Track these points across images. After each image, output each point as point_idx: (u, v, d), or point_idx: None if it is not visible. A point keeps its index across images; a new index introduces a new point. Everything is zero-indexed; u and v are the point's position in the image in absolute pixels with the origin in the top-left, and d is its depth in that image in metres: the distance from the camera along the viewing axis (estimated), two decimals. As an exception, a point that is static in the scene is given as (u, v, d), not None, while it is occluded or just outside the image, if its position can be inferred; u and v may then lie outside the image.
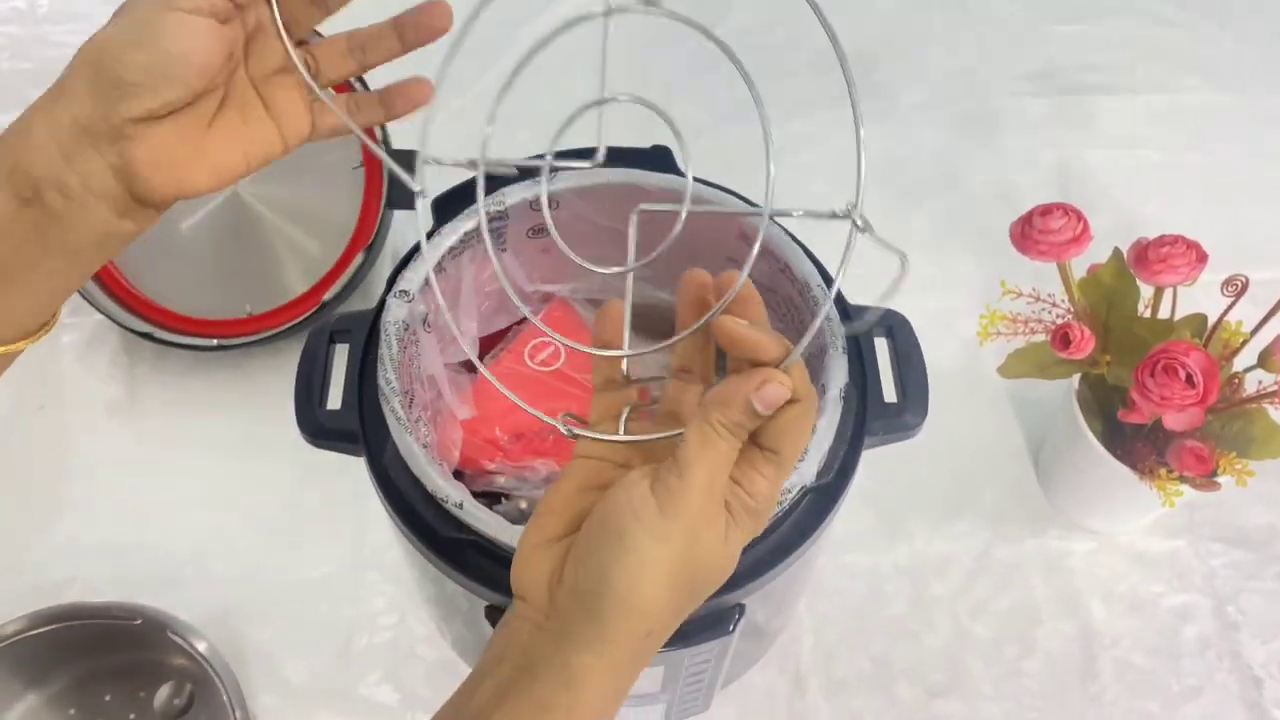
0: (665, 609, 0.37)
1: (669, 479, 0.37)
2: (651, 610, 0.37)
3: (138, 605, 0.69)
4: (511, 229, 0.66)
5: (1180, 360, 0.62)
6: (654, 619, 0.37)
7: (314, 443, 0.59)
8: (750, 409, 0.37)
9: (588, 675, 0.37)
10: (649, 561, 0.36)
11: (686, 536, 0.37)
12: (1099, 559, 0.80)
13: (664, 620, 0.38)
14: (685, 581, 0.37)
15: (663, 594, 0.37)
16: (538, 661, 0.37)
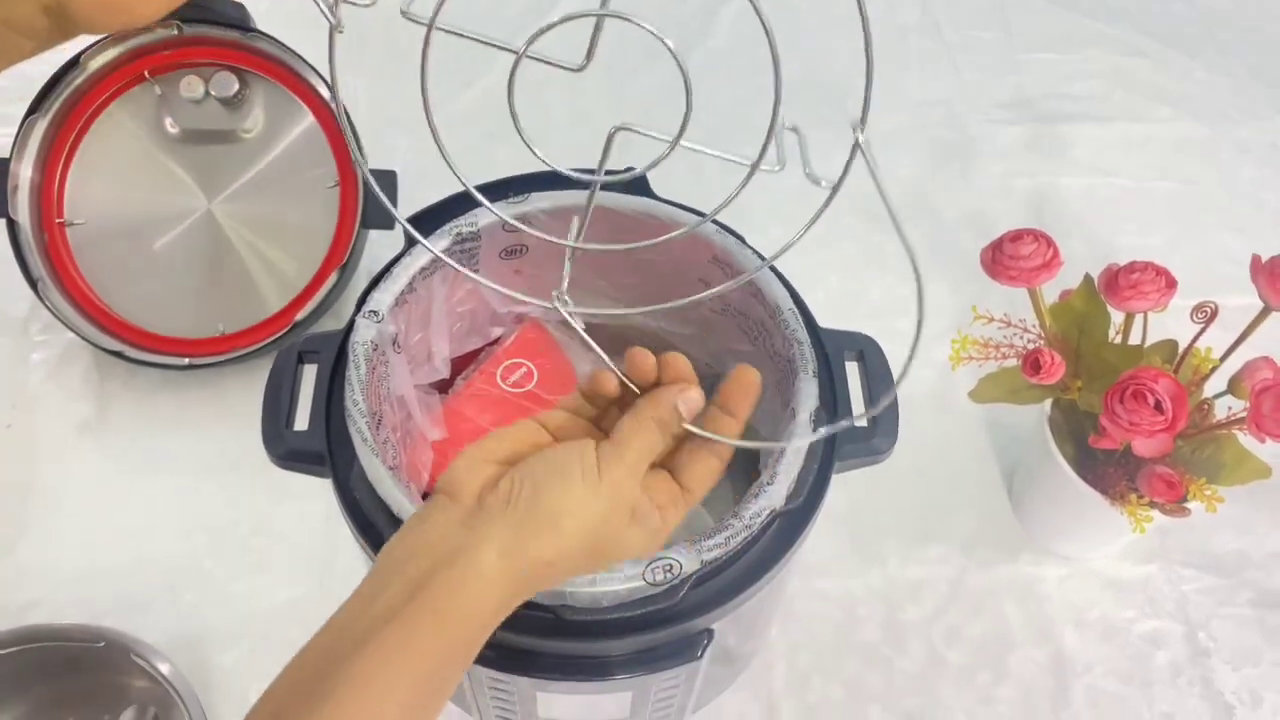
0: (574, 549, 0.42)
1: (607, 448, 0.43)
2: (563, 542, 0.41)
3: (101, 628, 0.68)
4: (484, 250, 0.66)
5: (1149, 387, 0.62)
6: (561, 552, 0.41)
7: (281, 464, 0.58)
8: (674, 409, 0.44)
9: (496, 576, 0.40)
10: (576, 499, 0.41)
11: (609, 498, 0.42)
12: (1071, 585, 0.80)
13: (568, 558, 0.42)
14: (593, 539, 0.42)
15: (576, 533, 0.41)
16: (456, 551, 0.40)
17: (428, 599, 0.39)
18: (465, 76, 1.07)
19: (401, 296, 0.61)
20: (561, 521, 0.41)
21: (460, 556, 0.40)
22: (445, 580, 0.39)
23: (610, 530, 0.42)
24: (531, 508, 0.41)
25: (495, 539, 0.40)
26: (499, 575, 0.40)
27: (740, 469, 0.78)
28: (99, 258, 0.84)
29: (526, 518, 0.41)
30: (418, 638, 0.38)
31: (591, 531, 0.42)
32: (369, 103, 1.06)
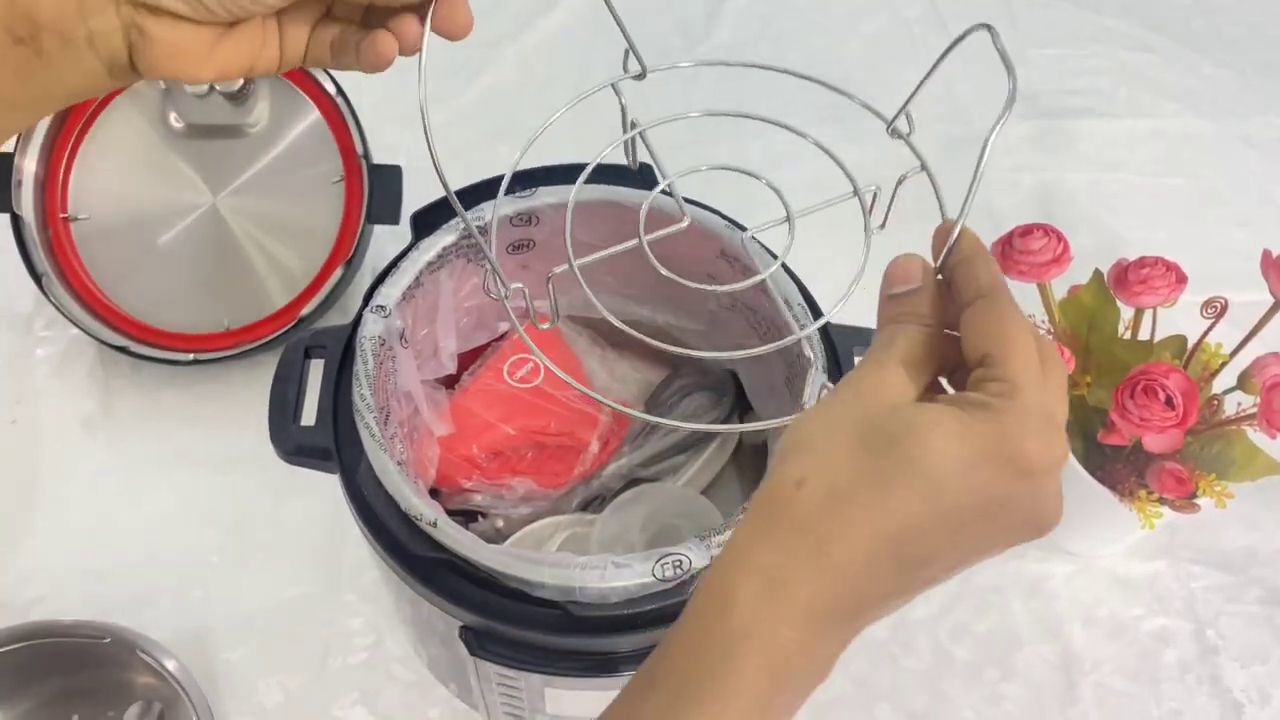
0: (820, 452, 0.33)
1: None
2: (803, 449, 0.33)
3: (106, 624, 0.68)
4: (492, 243, 0.65)
5: (1160, 382, 0.62)
6: (805, 459, 0.33)
7: (288, 459, 0.58)
8: (889, 297, 0.37)
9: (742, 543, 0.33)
10: (807, 413, 0.35)
11: (848, 395, 0.34)
12: (1079, 582, 0.79)
13: (822, 468, 0.32)
14: (852, 433, 0.33)
15: (815, 436, 0.33)
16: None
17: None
18: (469, 73, 1.07)
19: (409, 291, 0.61)
20: (799, 447, 0.33)
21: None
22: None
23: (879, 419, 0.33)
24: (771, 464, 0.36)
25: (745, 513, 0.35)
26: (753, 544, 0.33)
27: (750, 466, 0.78)
28: (103, 253, 0.84)
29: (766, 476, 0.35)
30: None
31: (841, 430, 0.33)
32: (373, 97, 1.05)
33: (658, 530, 0.66)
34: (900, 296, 0.36)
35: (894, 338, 0.36)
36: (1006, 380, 0.32)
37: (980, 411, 0.32)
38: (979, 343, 0.34)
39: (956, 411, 0.32)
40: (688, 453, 0.72)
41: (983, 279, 0.35)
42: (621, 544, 0.65)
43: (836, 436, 0.33)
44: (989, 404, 0.32)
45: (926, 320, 0.36)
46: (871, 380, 0.34)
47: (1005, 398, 0.32)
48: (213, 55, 0.41)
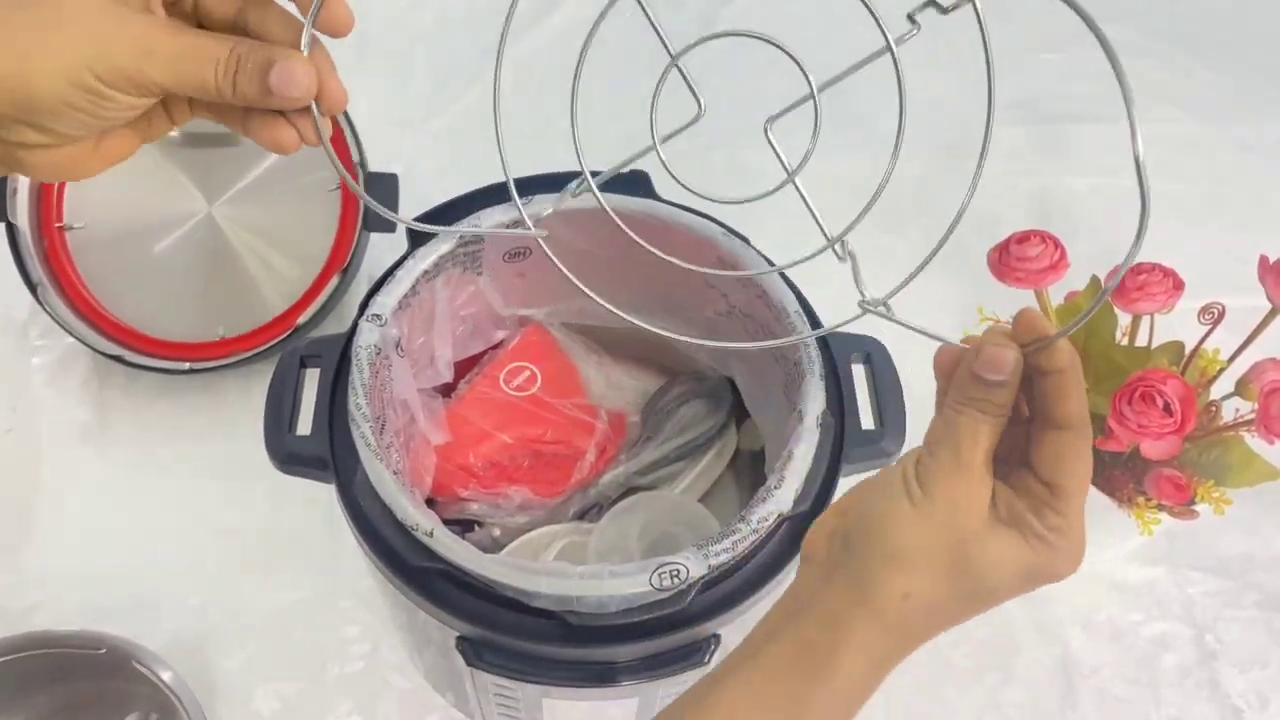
0: (924, 573, 0.38)
1: (923, 456, 0.40)
2: (907, 565, 0.38)
3: (102, 634, 0.68)
4: (488, 252, 0.65)
5: (1158, 388, 0.61)
6: (911, 578, 0.38)
7: (283, 469, 0.58)
8: (976, 378, 0.39)
9: (851, 622, 0.39)
10: (904, 515, 0.39)
11: (945, 507, 0.39)
12: (1078, 587, 0.79)
13: (925, 587, 0.39)
14: (948, 558, 0.39)
15: (919, 553, 0.39)
16: (805, 603, 0.40)
17: (778, 644, 0.40)
18: (470, 74, 1.07)
19: (404, 300, 0.61)
20: (898, 549, 0.39)
21: (808, 608, 0.40)
22: (792, 629, 0.40)
23: (965, 539, 0.39)
24: (863, 535, 0.40)
25: (838, 582, 0.40)
26: (854, 621, 0.39)
27: (748, 473, 0.78)
28: (99, 262, 0.84)
29: (861, 548, 0.40)
30: (774, 683, 0.40)
31: (931, 541, 0.39)
32: (370, 104, 1.05)
33: (655, 538, 0.66)
34: (989, 384, 0.39)
35: (979, 436, 0.39)
36: (1066, 517, 0.38)
37: (1039, 544, 0.38)
38: (1053, 472, 0.39)
39: (1020, 542, 0.39)
40: (685, 460, 0.72)
41: (1073, 408, 0.38)
42: (619, 552, 0.65)
43: (938, 560, 0.39)
44: (1047, 540, 0.38)
45: (1005, 414, 0.39)
46: (964, 494, 0.39)
47: (1060, 534, 0.38)
48: (96, 155, 0.41)
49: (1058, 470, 0.38)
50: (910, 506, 0.39)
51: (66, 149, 0.39)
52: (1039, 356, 0.38)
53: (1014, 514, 0.39)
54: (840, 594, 0.39)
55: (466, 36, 1.10)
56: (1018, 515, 0.39)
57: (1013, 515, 0.39)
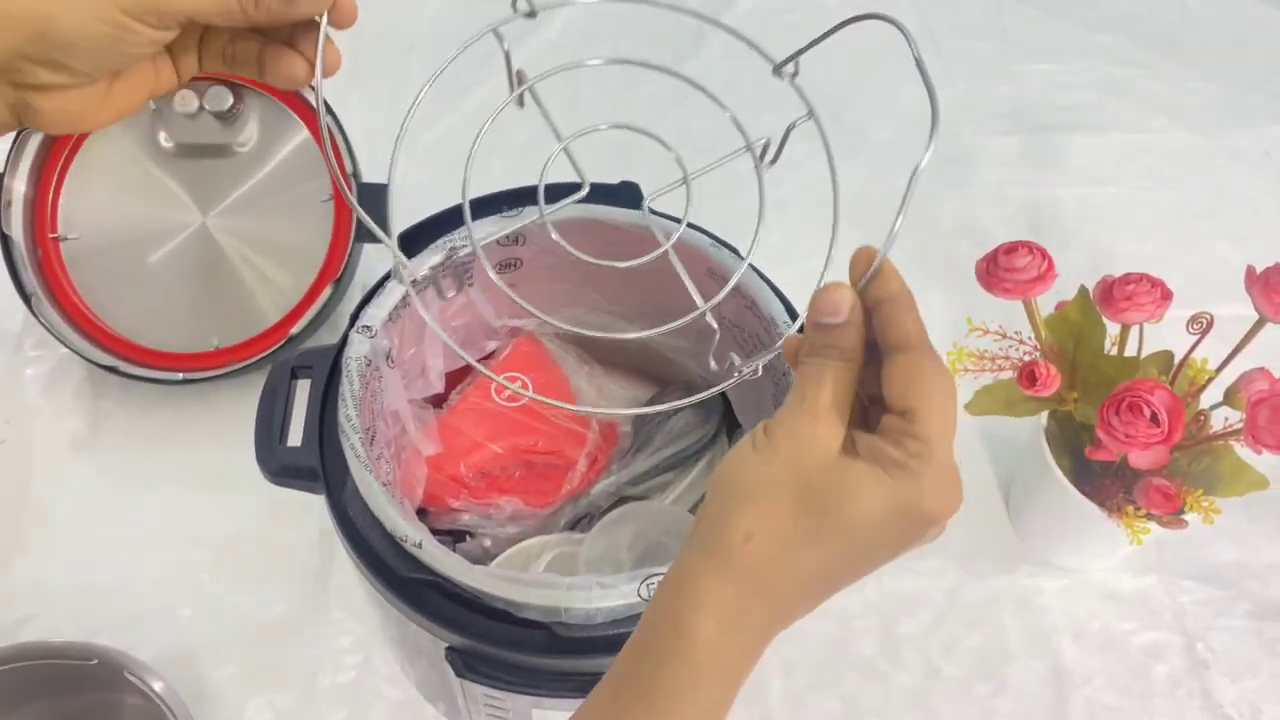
0: (764, 510, 0.37)
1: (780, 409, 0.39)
2: (747, 504, 0.37)
3: (94, 645, 0.68)
4: (478, 264, 0.66)
5: (1145, 398, 0.62)
6: (751, 516, 0.37)
7: (275, 480, 0.58)
8: (817, 326, 0.38)
9: (694, 578, 0.37)
10: (747, 460, 0.38)
11: (787, 446, 0.37)
12: (1070, 596, 0.79)
13: (768, 524, 0.37)
14: (790, 493, 0.37)
15: (758, 490, 0.37)
16: (662, 584, 0.39)
17: (638, 635, 0.39)
18: (461, 86, 1.07)
19: (395, 311, 0.61)
20: (738, 491, 0.37)
21: (663, 583, 0.39)
22: (648, 612, 0.39)
23: (811, 478, 0.37)
24: (713, 500, 0.38)
25: (691, 546, 0.39)
26: (696, 577, 0.37)
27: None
28: (93, 272, 0.84)
29: (711, 512, 0.38)
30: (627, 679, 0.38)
31: (783, 486, 0.37)
32: (362, 115, 1.06)
33: (646, 548, 0.66)
34: (828, 328, 0.38)
35: (822, 378, 0.38)
36: (923, 440, 0.36)
37: (900, 473, 0.36)
38: (902, 396, 0.37)
39: (879, 473, 0.36)
40: (675, 470, 0.73)
41: (909, 327, 0.37)
42: (609, 562, 0.65)
43: (778, 495, 0.37)
44: (909, 466, 0.36)
45: (851, 356, 0.38)
46: (807, 433, 0.37)
47: (922, 459, 0.36)
48: (106, 104, 0.42)
49: (907, 392, 0.37)
50: (753, 451, 0.38)
51: (78, 92, 0.40)
52: (873, 290, 0.38)
53: (871, 450, 0.37)
54: (691, 554, 0.38)
55: (462, 40, 1.10)
56: (875, 450, 0.37)
57: (870, 451, 0.37)
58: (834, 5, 1.17)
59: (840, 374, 0.38)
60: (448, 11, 1.13)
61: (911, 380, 0.37)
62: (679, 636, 0.37)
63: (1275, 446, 0.62)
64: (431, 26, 1.12)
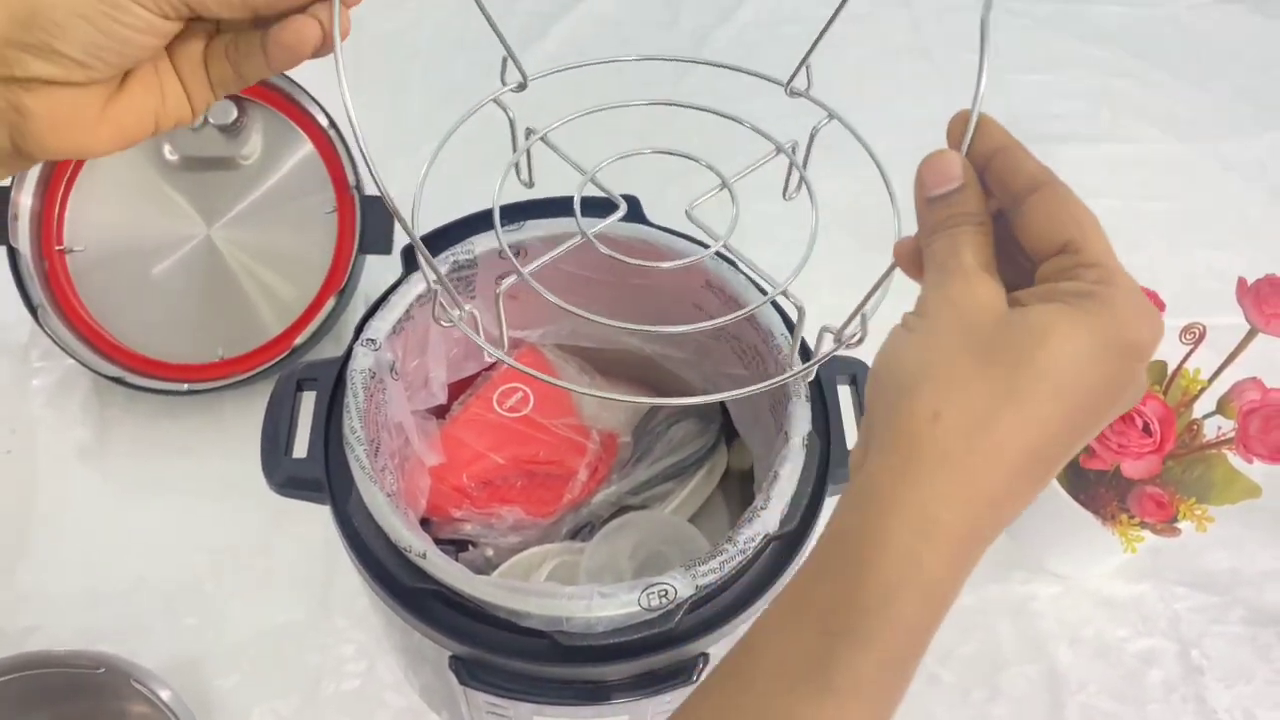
0: (945, 380, 0.32)
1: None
2: (924, 382, 0.32)
3: (101, 653, 0.69)
4: (480, 277, 0.67)
5: (1138, 409, 0.63)
6: (933, 393, 0.32)
7: (280, 491, 0.59)
8: (931, 202, 0.35)
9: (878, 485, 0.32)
10: (908, 345, 0.34)
11: (947, 313, 0.33)
12: (1065, 603, 0.80)
13: (954, 397, 0.32)
14: (969, 354, 0.32)
15: (933, 366, 0.33)
16: (835, 510, 0.34)
17: (810, 564, 0.34)
18: (464, 98, 1.08)
19: (399, 324, 0.62)
20: (909, 376, 0.33)
21: (839, 507, 0.34)
22: (822, 542, 0.34)
23: (988, 331, 0.32)
24: (879, 400, 0.34)
25: (867, 458, 0.34)
26: (881, 484, 0.32)
27: (737, 492, 0.79)
28: (99, 284, 0.85)
29: (882, 412, 0.33)
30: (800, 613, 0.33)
31: (958, 351, 0.32)
32: (366, 127, 1.07)
33: (646, 557, 0.67)
34: (946, 198, 0.35)
35: (958, 245, 0.34)
36: (1099, 264, 0.32)
37: (1089, 303, 0.32)
38: (1056, 231, 0.33)
39: (1067, 309, 0.32)
40: (675, 480, 0.73)
41: (1032, 167, 0.35)
42: (610, 572, 0.66)
43: (958, 360, 0.32)
44: (1095, 293, 0.32)
45: (981, 219, 0.35)
46: (964, 295, 0.33)
47: (1106, 284, 0.32)
48: (105, 118, 0.38)
49: (1059, 228, 0.33)
50: (909, 334, 0.34)
51: (71, 93, 0.37)
52: (978, 147, 0.35)
53: (1043, 293, 0.32)
54: (868, 463, 0.33)
55: (463, 55, 1.11)
56: (1049, 292, 0.32)
57: (1043, 295, 0.32)
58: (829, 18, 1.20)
59: (976, 236, 0.34)
60: (449, 19, 1.14)
61: (1060, 213, 0.33)
62: (863, 545, 0.31)
63: (1267, 456, 0.63)
64: (434, 35, 1.13)
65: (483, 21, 1.33)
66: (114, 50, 0.36)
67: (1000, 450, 0.31)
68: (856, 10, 1.26)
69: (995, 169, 0.35)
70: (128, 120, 0.39)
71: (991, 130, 0.36)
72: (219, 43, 0.40)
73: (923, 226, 0.36)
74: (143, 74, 0.39)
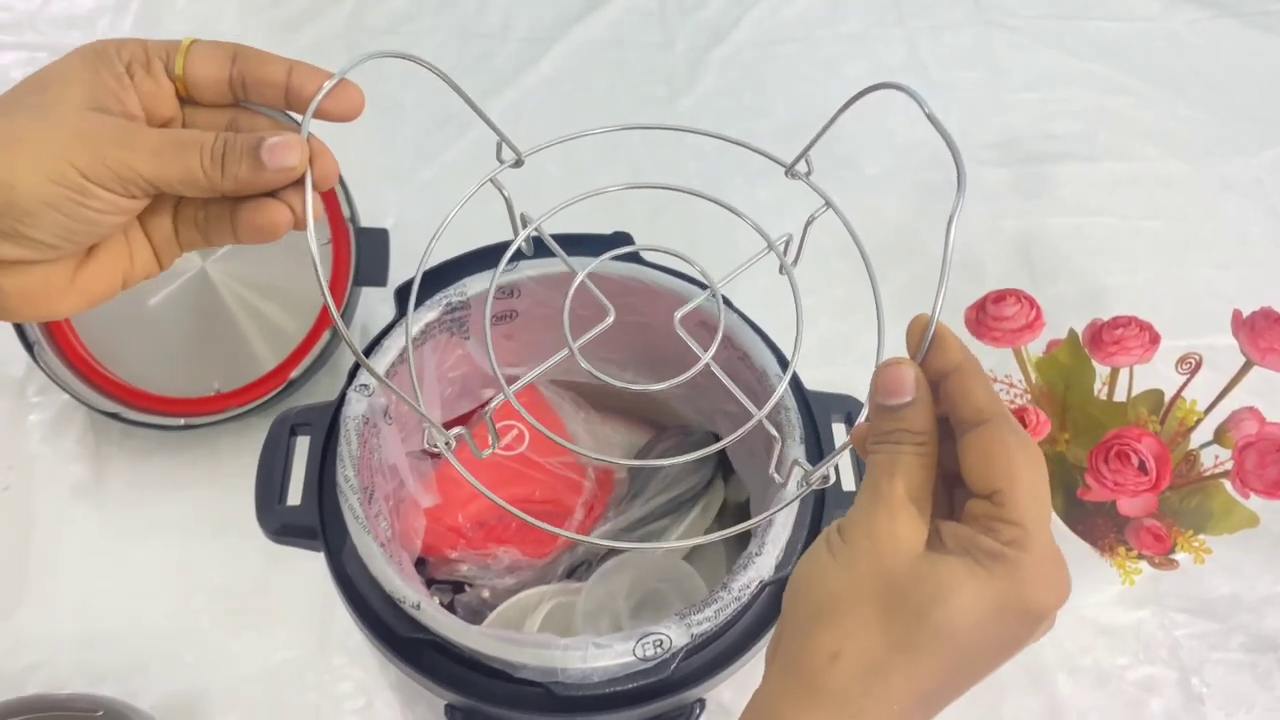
0: (849, 625, 0.34)
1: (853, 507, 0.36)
2: (830, 619, 0.34)
3: (99, 696, 0.69)
4: (474, 317, 0.66)
5: (1133, 446, 0.62)
6: (836, 633, 0.34)
7: (275, 539, 0.59)
8: (881, 409, 0.35)
9: (781, 705, 0.34)
10: (825, 568, 0.35)
11: (865, 548, 0.34)
12: (1064, 631, 0.80)
13: (855, 642, 0.33)
14: (875, 602, 0.33)
15: (840, 603, 0.34)
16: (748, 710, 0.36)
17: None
18: (458, 124, 1.08)
19: (393, 368, 0.62)
20: (819, 606, 0.34)
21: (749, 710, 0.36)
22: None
23: (896, 581, 0.33)
24: (791, 615, 0.35)
25: (773, 668, 0.36)
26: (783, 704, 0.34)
27: (732, 535, 0.78)
28: (94, 318, 0.85)
29: (791, 628, 0.35)
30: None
31: (866, 596, 0.33)
32: (358, 155, 1.07)
33: (642, 597, 0.67)
34: (894, 411, 0.35)
35: (895, 468, 0.35)
36: (1017, 524, 0.33)
37: (998, 566, 0.33)
38: (987, 477, 0.33)
39: (973, 568, 0.33)
40: (671, 516, 0.73)
41: (980, 398, 0.34)
42: (607, 612, 0.66)
43: (863, 606, 0.33)
44: (1004, 555, 0.33)
45: (924, 440, 0.35)
46: (886, 532, 0.34)
47: (1018, 547, 0.33)
48: (74, 288, 0.39)
49: (991, 472, 0.33)
50: (830, 557, 0.35)
51: (42, 270, 0.38)
52: (933, 362, 0.35)
53: (961, 541, 0.33)
54: (773, 678, 0.35)
55: (456, 82, 1.11)
56: (965, 541, 0.33)
57: (960, 543, 0.33)
58: (826, 38, 1.20)
59: (914, 460, 0.35)
60: (445, 43, 1.14)
61: (993, 458, 0.33)
62: None
63: (1263, 491, 0.63)
64: (430, 59, 1.13)
65: (477, 49, 1.33)
66: (83, 232, 0.37)
67: (892, 695, 0.33)
68: (851, 29, 1.26)
69: (947, 389, 0.35)
70: (96, 286, 0.40)
71: (947, 346, 0.35)
72: (188, 209, 0.41)
73: (871, 428, 0.36)
74: (112, 241, 0.40)
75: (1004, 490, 0.33)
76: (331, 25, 1.15)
